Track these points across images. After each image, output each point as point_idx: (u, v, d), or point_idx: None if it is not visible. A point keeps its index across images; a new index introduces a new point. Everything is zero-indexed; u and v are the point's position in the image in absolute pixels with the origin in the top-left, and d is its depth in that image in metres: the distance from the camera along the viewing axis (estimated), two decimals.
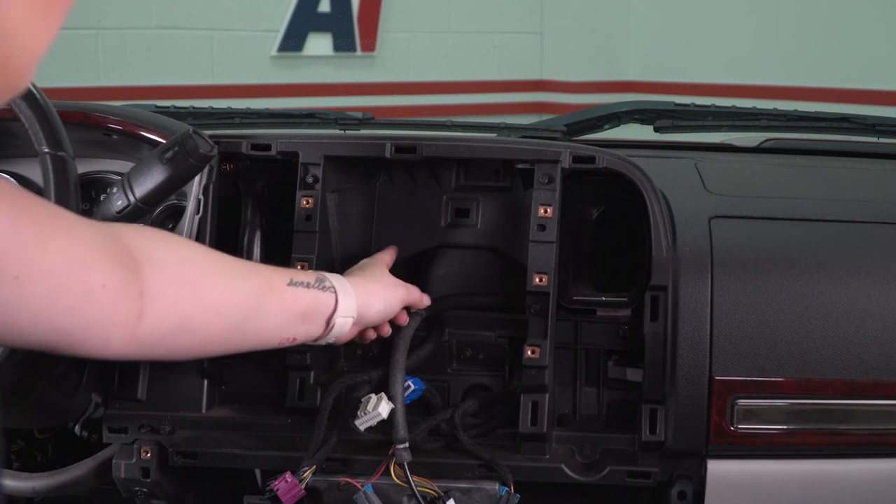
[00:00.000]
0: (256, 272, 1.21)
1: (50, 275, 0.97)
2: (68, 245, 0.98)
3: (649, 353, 1.36)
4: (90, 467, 1.43)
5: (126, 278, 1.04)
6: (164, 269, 1.09)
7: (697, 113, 1.96)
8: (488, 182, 1.50)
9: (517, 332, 1.40)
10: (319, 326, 1.25)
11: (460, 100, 5.61)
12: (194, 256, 1.15)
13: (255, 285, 1.18)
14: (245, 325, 1.18)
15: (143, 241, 1.09)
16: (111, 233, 1.06)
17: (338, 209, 1.47)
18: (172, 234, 1.18)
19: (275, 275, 1.21)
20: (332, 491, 1.33)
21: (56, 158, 1.25)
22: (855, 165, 1.83)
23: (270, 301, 1.19)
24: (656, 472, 1.35)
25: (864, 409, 1.36)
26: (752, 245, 1.42)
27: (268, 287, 1.19)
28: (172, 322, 1.09)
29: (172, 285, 1.09)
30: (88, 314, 1.01)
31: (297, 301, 1.22)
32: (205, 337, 1.15)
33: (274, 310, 1.20)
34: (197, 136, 1.29)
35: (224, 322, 1.15)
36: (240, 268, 1.20)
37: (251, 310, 1.18)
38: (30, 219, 0.96)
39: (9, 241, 0.93)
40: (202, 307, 1.13)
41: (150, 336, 1.07)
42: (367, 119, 1.97)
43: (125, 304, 1.04)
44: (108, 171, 1.54)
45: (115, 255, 1.03)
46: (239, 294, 1.17)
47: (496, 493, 1.32)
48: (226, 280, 1.16)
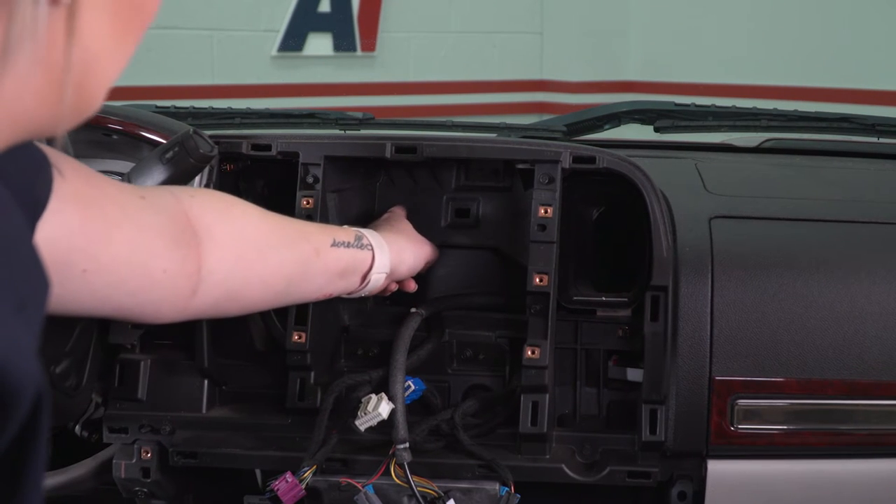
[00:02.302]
0: (305, 237, 1.25)
1: (115, 266, 1.02)
2: (133, 235, 1.03)
3: (649, 353, 1.36)
4: (90, 467, 1.43)
5: (185, 259, 1.09)
6: (222, 246, 1.14)
7: (697, 113, 1.96)
8: (488, 182, 1.50)
9: (517, 332, 1.40)
10: (355, 282, 1.31)
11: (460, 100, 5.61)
12: (252, 229, 1.20)
13: (302, 252, 1.24)
14: (289, 290, 1.25)
15: (207, 213, 1.14)
16: (177, 208, 1.11)
17: (338, 209, 1.47)
18: (235, 202, 1.21)
19: (320, 236, 1.26)
20: (333, 491, 1.33)
21: None
22: (855, 165, 1.83)
23: (315, 265, 1.25)
24: (656, 472, 1.35)
25: (864, 409, 1.36)
26: (752, 245, 1.42)
27: (314, 252, 1.24)
28: (220, 293, 1.16)
29: (227, 262, 1.15)
30: (147, 296, 1.07)
31: (338, 261, 1.27)
32: (248, 304, 1.23)
33: (316, 272, 1.26)
34: (197, 137, 1.29)
35: (269, 290, 1.22)
36: (292, 234, 1.24)
37: (297, 276, 1.24)
38: (99, 213, 1.00)
39: (78, 238, 0.97)
40: (251, 279, 1.19)
41: (199, 307, 1.15)
42: (367, 119, 1.97)
43: (182, 283, 1.10)
44: (108, 171, 1.54)
45: (176, 237, 1.08)
46: (287, 264, 1.22)
47: (496, 493, 1.32)
48: (277, 251, 1.21)
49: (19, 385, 0.58)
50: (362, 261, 1.30)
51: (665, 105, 1.98)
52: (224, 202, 1.20)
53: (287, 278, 1.23)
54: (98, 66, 0.67)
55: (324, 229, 1.30)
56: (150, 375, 1.41)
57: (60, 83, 0.64)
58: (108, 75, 0.68)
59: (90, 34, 0.65)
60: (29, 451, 0.62)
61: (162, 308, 1.11)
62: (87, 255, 0.98)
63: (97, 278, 1.00)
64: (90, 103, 0.69)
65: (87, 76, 0.66)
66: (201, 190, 1.22)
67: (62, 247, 0.95)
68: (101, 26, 0.66)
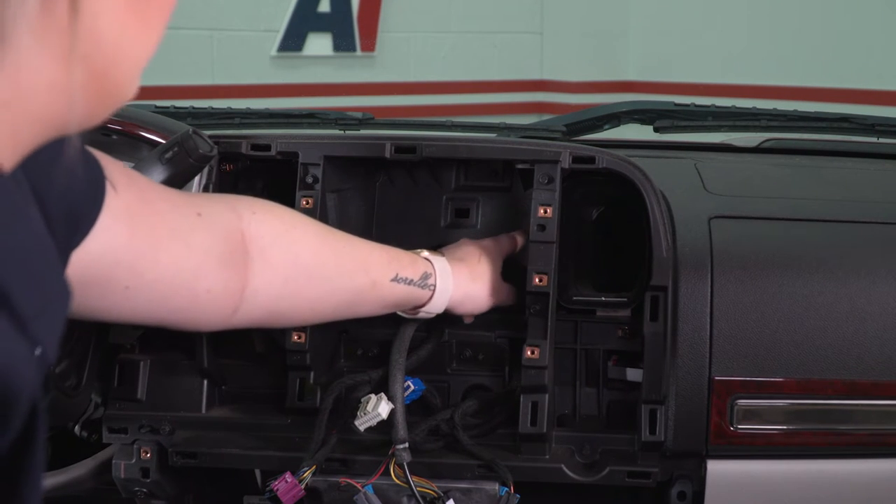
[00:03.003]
0: (365, 269, 1.23)
1: (158, 285, 1.01)
2: (180, 254, 1.02)
3: (649, 353, 1.36)
4: (90, 467, 1.43)
5: (231, 280, 1.09)
6: (273, 270, 1.14)
7: (697, 113, 1.96)
8: (488, 182, 1.50)
9: (517, 332, 1.40)
10: (403, 311, 1.32)
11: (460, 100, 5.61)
12: (308, 255, 1.18)
13: (358, 284, 1.22)
14: (335, 314, 1.25)
15: (265, 234, 1.13)
16: (234, 226, 1.10)
17: (338, 209, 1.47)
18: (297, 222, 1.19)
19: (382, 269, 1.24)
20: (332, 491, 1.33)
21: None
22: (855, 165, 1.83)
23: (368, 296, 1.24)
24: (656, 472, 1.35)
25: (864, 409, 1.36)
26: (752, 245, 1.42)
27: (371, 286, 1.23)
28: (263, 313, 1.15)
29: (275, 285, 1.14)
30: (188, 314, 1.07)
31: (393, 295, 1.26)
32: (290, 323, 1.25)
33: (368, 302, 1.25)
34: (197, 137, 1.29)
35: (315, 314, 1.23)
36: (350, 265, 1.22)
37: (346, 304, 1.24)
38: (148, 231, 0.98)
39: (124, 255, 0.96)
40: (298, 303, 1.18)
41: (240, 322, 1.14)
42: (367, 119, 1.97)
43: (225, 302, 1.10)
44: None
45: (226, 257, 1.07)
46: (339, 293, 1.21)
47: (496, 493, 1.32)
48: (330, 281, 1.19)
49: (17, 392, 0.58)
50: (418, 298, 1.29)
51: (665, 105, 1.98)
52: (285, 222, 1.18)
53: (335, 306, 1.23)
54: (120, 52, 0.63)
55: (390, 260, 1.26)
56: (149, 375, 1.41)
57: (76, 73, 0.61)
58: (134, 61, 0.65)
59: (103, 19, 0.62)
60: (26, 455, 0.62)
61: (201, 323, 1.12)
62: (131, 272, 0.97)
63: (139, 294, 1.00)
64: (119, 92, 0.65)
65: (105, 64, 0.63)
66: (264, 205, 1.17)
67: (107, 262, 0.94)
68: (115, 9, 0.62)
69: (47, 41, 0.60)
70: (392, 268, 1.25)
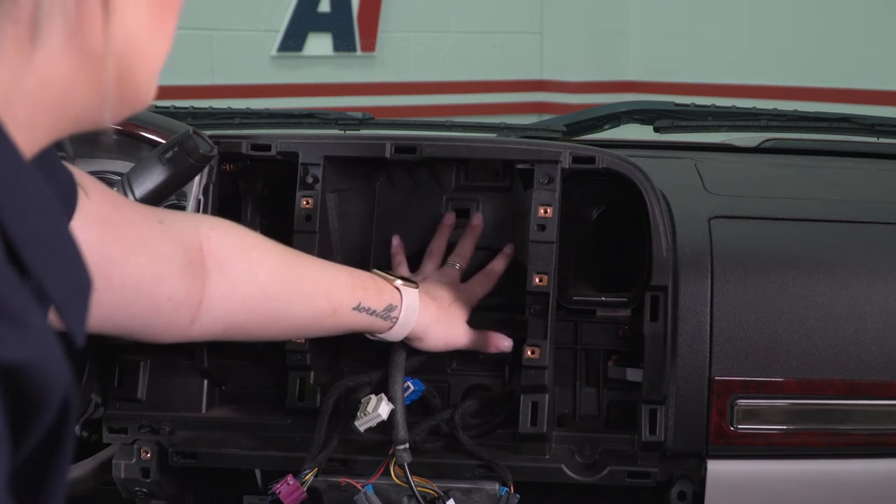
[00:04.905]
0: (326, 296, 1.22)
1: (124, 289, 1.03)
2: (146, 262, 1.04)
3: (649, 353, 1.36)
4: (90, 467, 1.43)
5: (191, 289, 1.10)
6: (231, 284, 1.14)
7: (697, 113, 1.96)
8: (488, 182, 1.50)
9: (517, 332, 1.40)
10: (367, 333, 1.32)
11: (460, 100, 5.61)
12: (266, 275, 1.18)
13: (317, 310, 1.22)
14: (292, 335, 1.29)
15: (224, 248, 1.14)
16: (194, 237, 1.11)
17: (338, 209, 1.47)
18: (257, 243, 1.19)
19: (345, 296, 1.23)
20: (333, 491, 1.33)
21: None
22: (855, 165, 1.83)
23: (328, 322, 1.24)
24: (656, 472, 1.35)
25: (864, 409, 1.36)
26: (752, 245, 1.42)
27: (331, 312, 1.23)
28: (223, 327, 1.16)
29: (231, 301, 1.14)
30: (149, 321, 1.08)
31: (353, 322, 1.26)
32: (249, 337, 1.23)
33: (327, 327, 1.26)
34: (197, 137, 1.29)
35: (273, 335, 1.25)
36: (310, 289, 1.22)
37: (303, 328, 1.26)
38: (117, 235, 1.00)
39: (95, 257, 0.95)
40: (255, 322, 1.19)
41: (200, 334, 1.15)
42: (367, 119, 1.97)
43: (184, 312, 1.11)
44: (108, 171, 1.54)
45: (186, 266, 1.08)
46: (297, 317, 1.22)
47: (496, 493, 1.32)
48: (288, 305, 1.20)
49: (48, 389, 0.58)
50: (378, 328, 1.29)
51: (665, 105, 1.98)
52: (244, 240, 1.19)
53: (293, 327, 1.24)
54: (141, 52, 0.64)
55: (355, 287, 1.25)
56: (149, 376, 1.41)
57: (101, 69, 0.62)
58: (153, 61, 0.66)
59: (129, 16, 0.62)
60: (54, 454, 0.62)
61: (159, 332, 1.12)
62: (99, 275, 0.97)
63: (104, 298, 0.99)
64: (139, 92, 0.66)
65: (130, 63, 0.64)
66: (224, 222, 1.19)
67: None
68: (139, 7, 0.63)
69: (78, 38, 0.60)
70: (356, 296, 1.24)
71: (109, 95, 0.63)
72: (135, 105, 0.67)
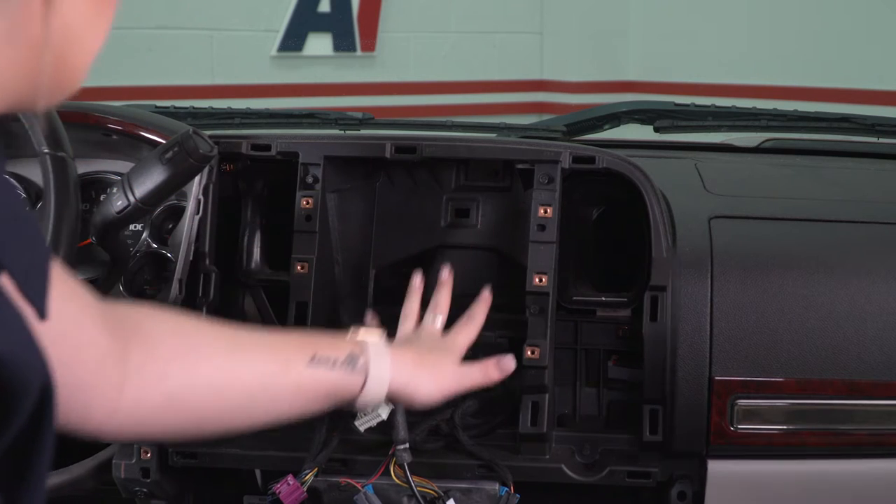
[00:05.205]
0: (271, 351, 1.11)
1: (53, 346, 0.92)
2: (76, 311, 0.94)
3: (649, 353, 1.36)
4: (90, 467, 1.43)
5: (113, 344, 0.98)
6: (152, 341, 1.02)
7: (697, 113, 1.96)
8: (488, 182, 1.50)
9: (517, 332, 1.40)
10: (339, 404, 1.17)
11: (460, 100, 5.61)
12: (192, 332, 1.07)
13: (265, 367, 1.09)
14: (252, 406, 1.10)
15: (137, 314, 1.03)
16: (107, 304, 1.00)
17: (338, 209, 1.47)
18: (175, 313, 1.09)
19: (296, 352, 1.11)
20: (333, 491, 1.33)
21: (56, 159, 1.25)
22: (855, 165, 1.83)
23: (283, 383, 1.10)
24: (656, 472, 1.35)
25: (864, 409, 1.36)
26: (752, 245, 1.42)
27: (282, 369, 1.10)
28: (159, 398, 1.01)
29: (158, 360, 1.02)
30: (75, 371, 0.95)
31: (314, 382, 1.12)
32: (200, 416, 1.06)
33: (288, 392, 1.11)
34: (197, 137, 1.29)
35: (223, 402, 1.07)
36: (249, 346, 1.10)
37: (258, 392, 1.09)
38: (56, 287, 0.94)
39: None
40: (194, 385, 1.04)
41: (134, 411, 1.00)
42: (367, 119, 1.97)
43: (109, 369, 0.97)
44: (108, 172, 1.54)
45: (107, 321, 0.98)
46: (242, 375, 1.08)
47: (496, 493, 1.32)
48: (226, 359, 1.07)
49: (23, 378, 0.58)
50: (348, 385, 1.14)
51: (665, 105, 1.98)
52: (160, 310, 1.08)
53: (245, 390, 1.08)
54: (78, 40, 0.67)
55: (305, 343, 1.13)
56: None
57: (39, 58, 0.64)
58: (89, 49, 0.68)
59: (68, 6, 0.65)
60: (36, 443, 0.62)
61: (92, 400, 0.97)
62: None
63: None
64: (73, 78, 0.68)
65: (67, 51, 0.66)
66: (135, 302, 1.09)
67: None
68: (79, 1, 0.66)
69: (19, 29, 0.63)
70: (308, 349, 1.12)
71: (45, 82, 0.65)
72: (69, 90, 0.69)
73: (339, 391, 1.14)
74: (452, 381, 1.24)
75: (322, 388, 1.12)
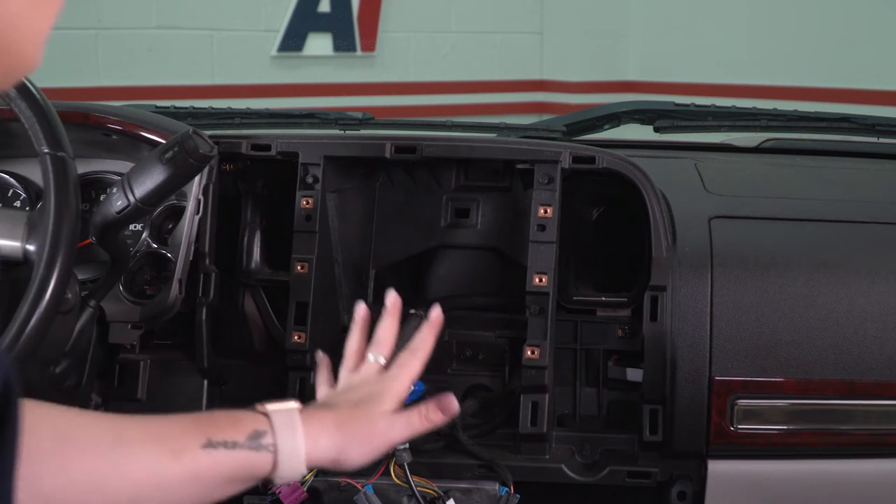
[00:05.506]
0: (158, 438, 0.99)
1: None
2: None
3: (649, 353, 1.36)
4: None
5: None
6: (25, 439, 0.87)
7: (697, 113, 1.96)
8: (488, 182, 1.50)
9: (517, 332, 1.40)
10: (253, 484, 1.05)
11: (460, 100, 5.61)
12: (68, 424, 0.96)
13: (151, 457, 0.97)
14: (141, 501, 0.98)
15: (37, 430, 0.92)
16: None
17: (338, 209, 1.47)
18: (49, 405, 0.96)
19: (188, 437, 1.00)
20: (333, 491, 1.33)
21: (56, 159, 1.24)
22: (855, 165, 1.83)
23: (175, 474, 0.98)
24: (656, 472, 1.35)
25: (864, 409, 1.36)
26: (752, 245, 1.42)
27: (172, 455, 0.98)
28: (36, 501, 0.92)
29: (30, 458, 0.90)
30: None
31: (215, 466, 1.00)
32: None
33: (181, 483, 0.99)
34: (197, 137, 1.29)
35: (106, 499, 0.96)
36: (134, 434, 0.98)
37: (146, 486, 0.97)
38: None
39: None
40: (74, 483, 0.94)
41: None
42: (367, 119, 1.97)
43: None
44: (108, 172, 1.54)
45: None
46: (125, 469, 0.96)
47: (496, 493, 1.32)
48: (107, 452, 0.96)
49: None
50: (256, 465, 1.03)
51: (665, 105, 1.98)
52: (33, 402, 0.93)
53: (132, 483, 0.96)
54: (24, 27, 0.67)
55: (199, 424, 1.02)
56: (149, 375, 1.41)
57: None
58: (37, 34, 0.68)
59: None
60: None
61: None
62: None
63: None
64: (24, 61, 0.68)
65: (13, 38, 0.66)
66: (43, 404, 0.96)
67: None
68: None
69: None
70: (201, 432, 1.00)
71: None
72: (21, 73, 0.69)
73: (244, 474, 1.03)
74: (385, 437, 1.11)
75: (222, 473, 1.01)
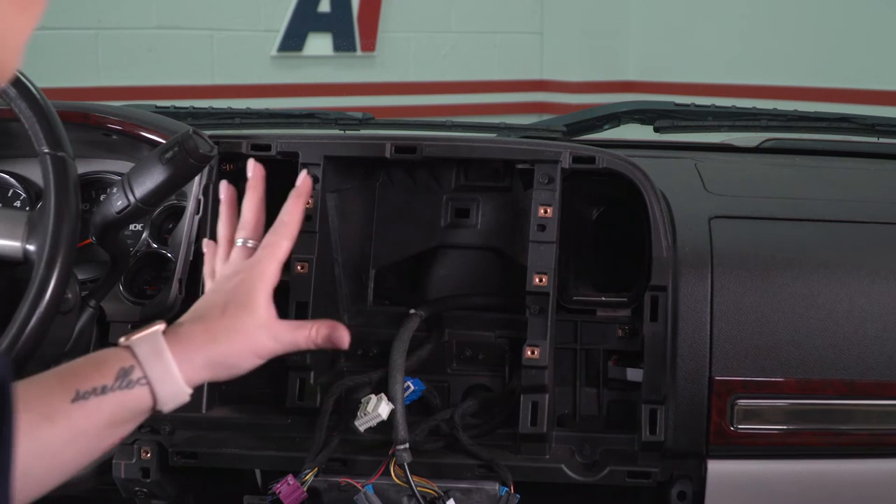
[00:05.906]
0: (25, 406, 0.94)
1: None
2: None
3: (649, 353, 1.36)
4: (90, 467, 1.43)
5: None
6: None
7: (697, 113, 1.96)
8: (488, 182, 1.50)
9: (517, 332, 1.40)
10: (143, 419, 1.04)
11: (460, 100, 5.61)
12: None
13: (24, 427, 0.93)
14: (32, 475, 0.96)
15: None
16: None
17: (338, 209, 1.47)
18: None
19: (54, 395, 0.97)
20: (333, 491, 1.33)
21: (56, 159, 1.24)
22: (855, 165, 1.83)
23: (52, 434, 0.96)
24: (656, 472, 1.35)
25: (864, 409, 1.36)
26: (753, 245, 1.42)
27: (45, 420, 0.96)
28: None
29: None
30: None
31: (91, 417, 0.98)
32: None
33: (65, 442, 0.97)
34: (197, 137, 1.29)
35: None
36: None
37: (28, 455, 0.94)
38: None
39: None
40: None
41: None
42: (367, 119, 1.97)
43: None
44: (108, 172, 1.54)
45: None
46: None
47: (496, 493, 1.32)
48: None
49: None
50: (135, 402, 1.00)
51: (665, 105, 1.98)
52: None
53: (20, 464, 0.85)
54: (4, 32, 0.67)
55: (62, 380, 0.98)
56: None
57: None
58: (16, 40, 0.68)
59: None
60: None
61: None
62: None
63: None
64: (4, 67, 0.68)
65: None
66: None
67: None
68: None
69: None
70: (67, 387, 0.98)
71: None
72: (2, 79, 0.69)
73: (126, 414, 1.01)
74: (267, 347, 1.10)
75: (102, 421, 0.99)
